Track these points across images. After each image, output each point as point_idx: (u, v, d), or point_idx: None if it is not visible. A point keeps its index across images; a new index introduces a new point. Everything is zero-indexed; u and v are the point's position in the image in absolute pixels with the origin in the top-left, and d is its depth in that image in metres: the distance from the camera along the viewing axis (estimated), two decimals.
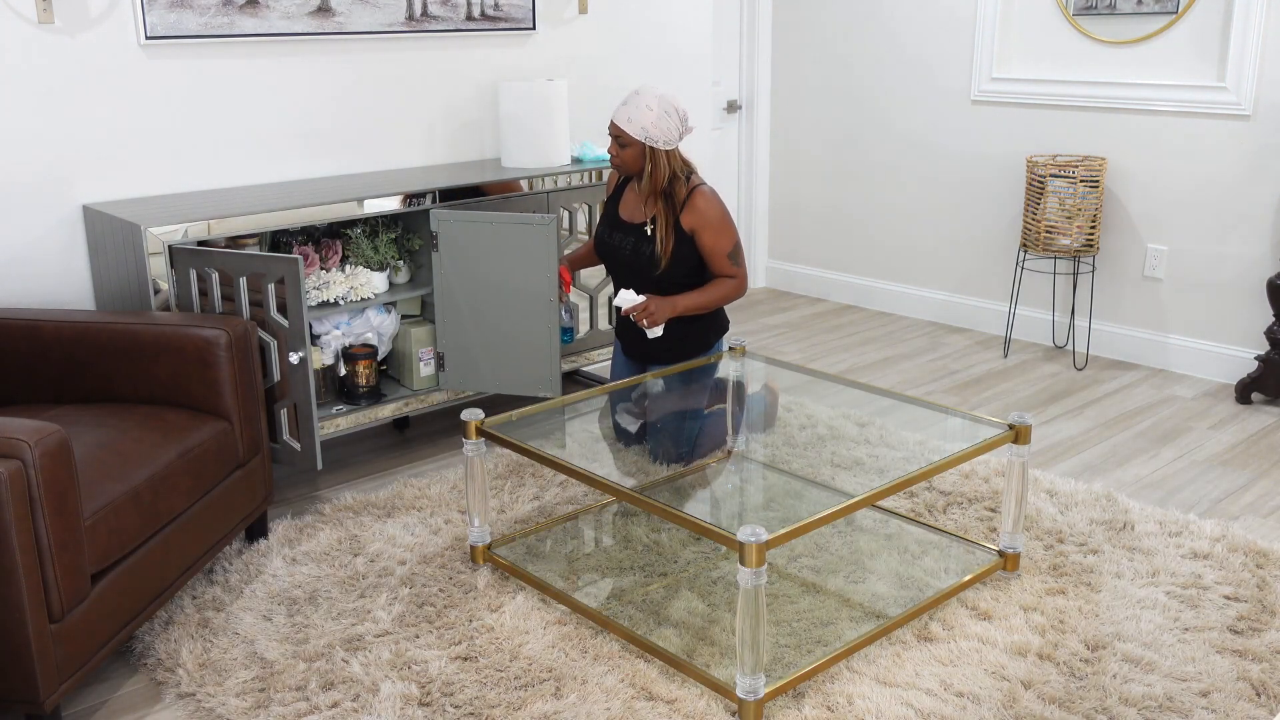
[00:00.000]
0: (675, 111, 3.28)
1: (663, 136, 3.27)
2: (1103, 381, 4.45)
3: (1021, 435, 2.80)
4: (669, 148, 3.30)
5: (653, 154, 3.29)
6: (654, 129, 3.25)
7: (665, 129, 3.26)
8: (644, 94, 3.28)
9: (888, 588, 2.82)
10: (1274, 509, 3.32)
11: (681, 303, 3.36)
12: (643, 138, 3.26)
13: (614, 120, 3.30)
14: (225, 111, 3.48)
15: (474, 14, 3.95)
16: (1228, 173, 4.28)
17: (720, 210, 3.35)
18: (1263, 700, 2.38)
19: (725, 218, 3.36)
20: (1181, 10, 4.30)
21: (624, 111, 3.27)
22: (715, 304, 3.41)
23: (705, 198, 3.33)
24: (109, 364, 2.82)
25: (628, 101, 3.29)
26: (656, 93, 3.28)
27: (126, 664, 2.59)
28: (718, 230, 3.34)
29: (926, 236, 5.29)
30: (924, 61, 5.12)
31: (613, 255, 3.48)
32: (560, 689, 2.43)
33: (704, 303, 3.39)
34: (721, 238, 3.34)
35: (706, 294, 3.39)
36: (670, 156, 3.31)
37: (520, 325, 3.50)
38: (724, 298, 3.41)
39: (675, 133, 3.29)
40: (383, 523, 3.19)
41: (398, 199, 3.44)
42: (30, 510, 2.11)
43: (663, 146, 3.28)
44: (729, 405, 3.55)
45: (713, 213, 3.33)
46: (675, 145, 3.32)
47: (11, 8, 3.05)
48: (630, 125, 3.26)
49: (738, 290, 3.41)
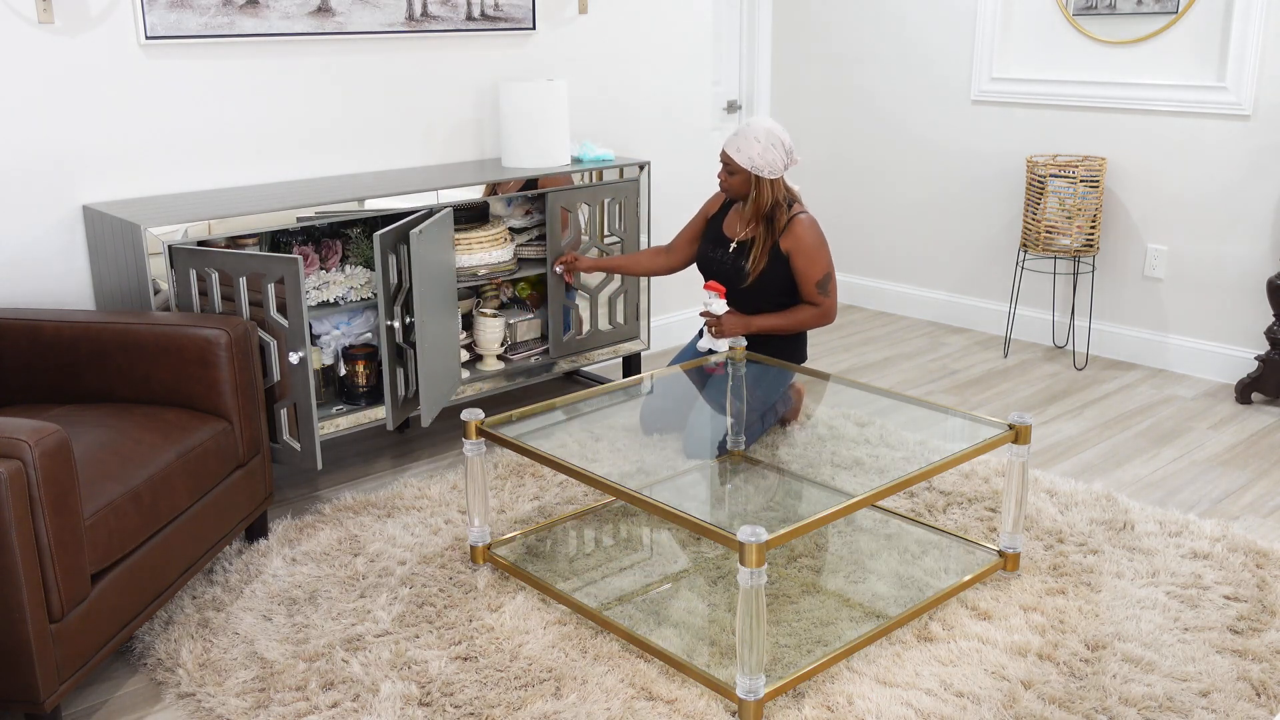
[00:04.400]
0: (781, 144, 3.48)
1: (768, 167, 3.47)
2: (1103, 381, 4.45)
3: (1021, 435, 2.80)
4: (773, 177, 3.50)
5: (758, 182, 3.50)
6: (760, 160, 3.46)
7: (770, 160, 3.47)
8: (754, 126, 3.49)
9: (888, 588, 2.82)
10: (1274, 509, 3.32)
11: (757, 322, 3.55)
12: (749, 167, 3.48)
13: (724, 149, 3.52)
14: (225, 111, 3.48)
15: (474, 14, 3.95)
16: (1228, 173, 4.28)
17: (816, 239, 3.53)
18: (1263, 700, 2.38)
19: (820, 247, 3.53)
20: (1181, 10, 4.30)
21: (734, 142, 3.50)
22: (794, 328, 3.58)
23: (804, 225, 3.52)
24: (109, 364, 2.82)
25: (738, 132, 3.51)
26: (765, 125, 3.49)
27: (126, 664, 2.59)
28: (810, 258, 3.51)
29: (926, 236, 5.29)
30: (924, 61, 5.12)
31: (710, 267, 3.69)
32: (560, 689, 2.43)
33: (782, 325, 3.56)
34: (813, 265, 3.52)
35: (785, 317, 3.57)
36: (775, 185, 3.51)
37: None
38: (803, 323, 3.58)
39: (780, 164, 3.49)
40: (383, 523, 3.19)
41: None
42: (30, 510, 2.11)
43: (768, 175, 3.48)
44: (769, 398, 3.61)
45: (808, 240, 3.51)
46: (780, 174, 3.50)
47: (11, 8, 3.05)
48: (739, 155, 3.48)
49: (820, 319, 3.58)
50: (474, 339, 3.83)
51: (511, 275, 3.78)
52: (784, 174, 3.52)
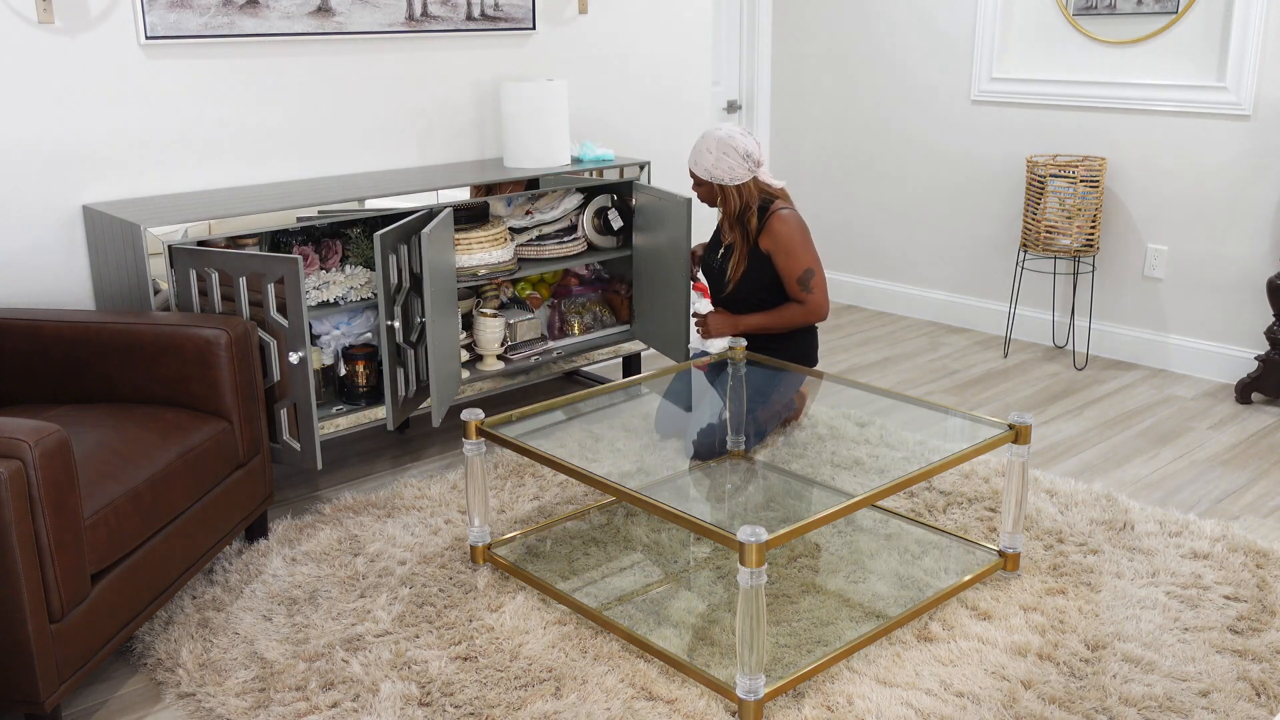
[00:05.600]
0: (735, 150, 3.48)
1: (727, 174, 3.49)
2: (1103, 381, 4.45)
3: (1021, 435, 2.80)
4: (737, 183, 3.51)
5: (722, 190, 3.54)
6: (716, 169, 3.50)
7: (727, 167, 3.48)
8: (706, 137, 3.53)
9: (888, 588, 2.82)
10: (1274, 509, 3.32)
11: (745, 321, 3.59)
12: (708, 178, 3.53)
13: (688, 163, 3.60)
14: (225, 111, 3.48)
15: (474, 14, 3.95)
16: (1227, 173, 4.28)
17: (794, 236, 3.52)
18: (1263, 700, 2.38)
19: (799, 244, 3.53)
20: (1181, 10, 4.30)
21: (692, 155, 3.57)
22: (783, 326, 3.59)
23: (782, 221, 3.53)
24: (109, 364, 2.82)
25: (695, 146, 3.56)
26: (716, 135, 3.51)
27: (126, 664, 2.59)
28: (789, 254, 3.52)
29: (926, 236, 5.29)
30: (924, 61, 5.12)
31: (707, 271, 3.77)
32: (560, 689, 2.43)
33: (769, 324, 3.58)
34: (792, 261, 3.52)
35: (771, 316, 3.58)
36: (742, 190, 3.52)
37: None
38: (791, 321, 3.58)
39: (740, 169, 3.50)
40: (383, 523, 3.19)
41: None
42: (30, 510, 2.11)
43: (730, 183, 3.50)
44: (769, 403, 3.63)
45: (785, 237, 3.52)
46: (744, 179, 3.51)
47: (11, 8, 3.05)
48: (696, 168, 3.55)
49: (807, 316, 3.58)
50: (474, 339, 3.83)
51: (511, 275, 3.78)
52: (752, 177, 3.51)
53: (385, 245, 3.17)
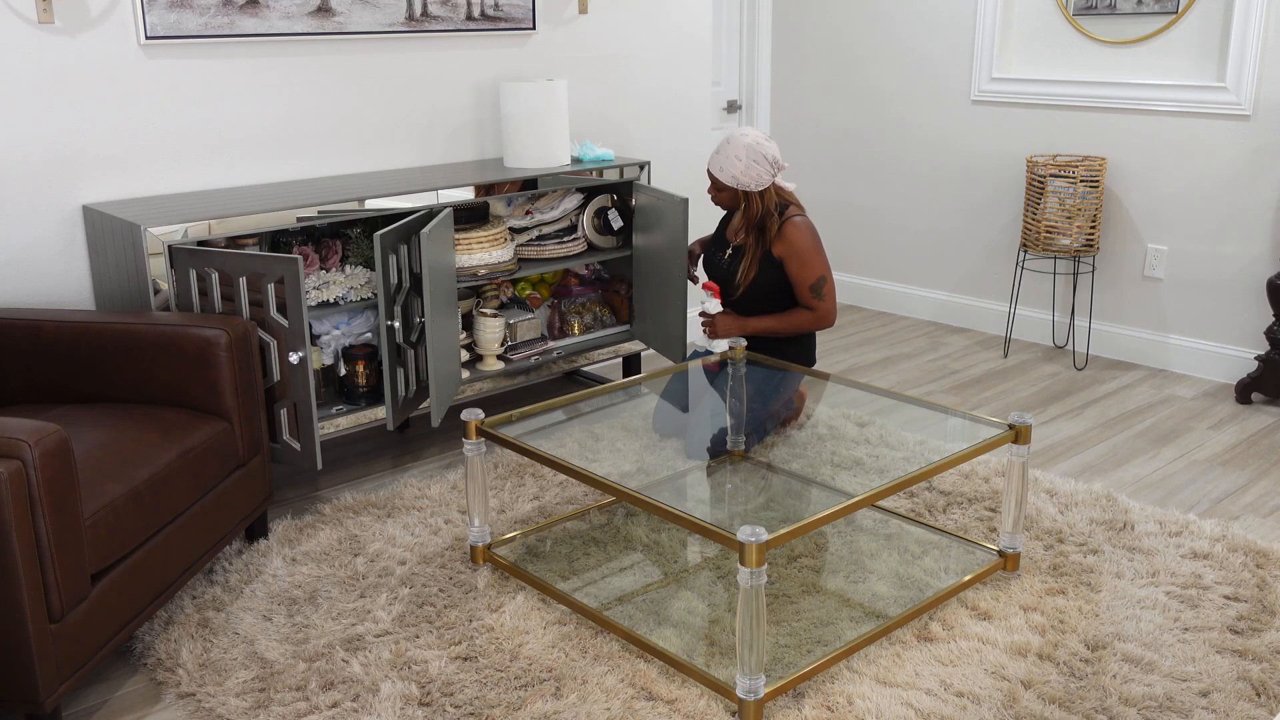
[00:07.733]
0: (764, 158, 3.50)
1: (753, 181, 3.51)
2: (1103, 381, 4.45)
3: (1021, 435, 2.80)
4: (760, 188, 3.52)
5: (746, 196, 3.55)
6: (743, 176, 3.50)
7: (754, 174, 3.50)
8: (734, 143, 3.51)
9: (888, 588, 2.82)
10: (1274, 509, 3.32)
11: (753, 324, 3.59)
12: (734, 184, 3.53)
13: (709, 167, 3.58)
14: (225, 111, 3.48)
15: (474, 14, 3.95)
16: (1228, 173, 4.28)
17: (808, 243, 3.54)
18: (1263, 700, 2.38)
19: (813, 251, 3.55)
20: (1181, 10, 4.30)
21: (716, 160, 3.55)
22: (791, 330, 3.60)
23: (796, 229, 3.54)
24: (109, 364, 2.82)
25: (720, 149, 3.54)
26: (745, 142, 3.50)
27: (126, 664, 2.59)
28: (803, 262, 3.53)
29: (926, 236, 5.29)
30: (924, 61, 5.12)
31: (711, 269, 3.75)
32: (560, 689, 2.43)
33: (778, 327, 3.59)
34: (806, 269, 3.54)
35: (780, 320, 3.59)
36: (764, 196, 3.54)
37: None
38: (799, 326, 3.59)
39: (766, 176, 3.51)
40: (383, 523, 3.19)
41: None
42: (30, 510, 2.11)
43: (755, 189, 3.52)
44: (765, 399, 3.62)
45: (799, 245, 3.53)
46: (767, 185, 3.52)
47: (11, 8, 3.05)
48: (722, 174, 3.54)
49: (815, 322, 3.60)
50: (474, 339, 3.83)
51: (511, 275, 3.78)
52: (773, 181, 3.53)
53: (385, 245, 3.17)
